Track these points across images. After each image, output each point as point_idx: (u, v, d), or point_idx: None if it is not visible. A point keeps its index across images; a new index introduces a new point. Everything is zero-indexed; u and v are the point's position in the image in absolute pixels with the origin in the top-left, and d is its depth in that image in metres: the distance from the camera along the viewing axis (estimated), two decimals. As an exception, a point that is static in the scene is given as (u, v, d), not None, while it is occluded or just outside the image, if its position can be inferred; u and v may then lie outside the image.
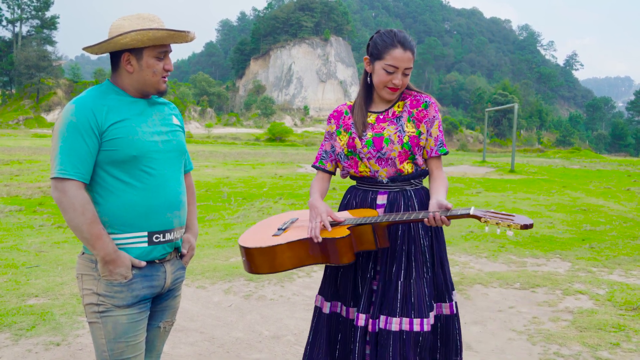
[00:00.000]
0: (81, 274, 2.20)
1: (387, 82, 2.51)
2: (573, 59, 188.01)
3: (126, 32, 2.06)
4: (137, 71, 2.17)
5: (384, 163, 2.53)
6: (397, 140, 2.50)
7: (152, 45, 2.13)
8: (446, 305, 2.57)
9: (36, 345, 3.94)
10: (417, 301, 2.43)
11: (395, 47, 2.47)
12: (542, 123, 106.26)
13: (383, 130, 2.53)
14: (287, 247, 2.37)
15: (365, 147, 2.53)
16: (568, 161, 34.08)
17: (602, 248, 7.55)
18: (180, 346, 4.04)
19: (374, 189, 2.59)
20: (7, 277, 5.67)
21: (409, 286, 2.45)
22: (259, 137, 64.15)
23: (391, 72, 2.49)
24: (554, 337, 4.26)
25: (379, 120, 2.57)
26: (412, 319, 2.41)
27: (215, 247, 7.50)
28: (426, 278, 2.49)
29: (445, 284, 2.58)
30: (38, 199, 11.69)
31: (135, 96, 2.23)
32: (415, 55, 2.55)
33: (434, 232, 2.57)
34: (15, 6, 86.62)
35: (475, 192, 14.50)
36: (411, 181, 2.57)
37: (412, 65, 2.52)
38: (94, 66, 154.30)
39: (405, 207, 2.52)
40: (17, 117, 70.19)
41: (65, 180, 2.05)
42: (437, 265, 2.56)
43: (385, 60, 2.48)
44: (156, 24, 2.14)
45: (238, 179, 17.25)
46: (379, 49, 2.50)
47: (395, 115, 2.57)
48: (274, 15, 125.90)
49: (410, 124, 2.54)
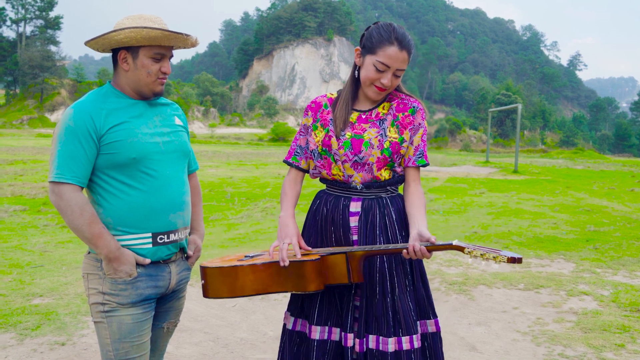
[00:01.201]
0: (87, 273, 2.21)
1: (375, 80, 2.28)
2: (576, 59, 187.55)
3: (121, 29, 2.08)
4: (132, 70, 2.18)
5: (360, 168, 2.31)
6: (377, 144, 2.28)
7: (148, 45, 2.14)
8: (431, 322, 2.37)
9: (41, 345, 3.96)
10: (404, 318, 2.25)
11: (392, 44, 2.23)
12: (545, 123, 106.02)
13: (363, 132, 2.31)
14: (249, 270, 2.18)
15: (342, 149, 2.31)
16: (572, 162, 34.07)
17: (607, 249, 7.53)
18: (184, 346, 4.05)
19: (347, 194, 2.36)
20: (12, 277, 5.68)
21: (393, 302, 2.27)
22: (262, 137, 64.16)
23: (381, 70, 2.25)
24: (558, 338, 4.25)
25: (360, 120, 2.35)
26: (401, 337, 2.24)
27: (219, 247, 7.51)
28: (409, 292, 2.31)
29: (427, 299, 2.38)
30: (42, 198, 11.72)
31: (135, 98, 2.24)
32: (412, 56, 2.31)
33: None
34: (19, 6, 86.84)
35: (478, 193, 14.49)
36: (387, 188, 2.36)
37: (406, 68, 2.30)
38: (98, 66, 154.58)
39: (381, 215, 2.32)
40: (21, 117, 70.33)
41: (62, 184, 2.07)
42: (417, 278, 2.36)
43: (378, 56, 2.24)
44: (156, 24, 2.14)
45: (241, 179, 17.27)
46: (373, 43, 2.26)
47: (378, 117, 2.35)
48: (277, 16, 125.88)
49: (394, 128, 2.32)
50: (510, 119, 79.64)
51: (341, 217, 2.34)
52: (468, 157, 39.29)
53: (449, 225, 9.35)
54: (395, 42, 2.23)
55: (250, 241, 8.03)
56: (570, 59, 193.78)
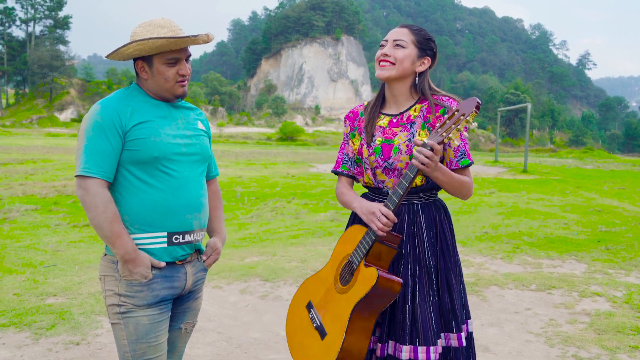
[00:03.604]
0: (103, 275, 2.23)
1: (378, 57, 2.35)
2: (586, 58, 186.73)
3: (129, 43, 2.13)
4: (151, 77, 2.22)
5: (390, 173, 2.31)
6: (405, 150, 2.26)
7: (160, 53, 2.17)
8: (454, 337, 2.28)
9: (56, 345, 3.98)
10: (423, 327, 2.21)
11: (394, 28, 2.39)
12: (554, 123, 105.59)
13: (394, 137, 2.30)
14: (348, 337, 2.11)
15: (373, 156, 2.32)
16: (581, 161, 33.93)
17: (618, 249, 7.50)
18: (198, 346, 4.07)
19: (380, 199, 2.34)
20: (26, 276, 5.72)
21: (413, 310, 2.23)
22: (270, 136, 64.22)
23: (383, 45, 2.36)
24: (571, 340, 4.24)
25: (391, 124, 2.34)
26: (417, 346, 2.20)
27: (231, 247, 7.53)
28: (432, 302, 2.26)
29: (452, 311, 2.29)
30: (53, 198, 11.78)
31: (159, 99, 2.28)
32: (417, 37, 2.34)
33: (440, 252, 2.32)
34: (28, 6, 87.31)
35: (488, 193, 14.45)
36: (420, 194, 2.32)
37: (406, 40, 2.32)
38: (106, 65, 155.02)
39: (409, 222, 2.30)
40: (31, 117, 70.75)
41: (88, 178, 2.09)
42: (442, 289, 2.29)
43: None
44: (166, 29, 2.16)
45: (250, 178, 17.29)
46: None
47: (409, 119, 2.32)
48: (285, 15, 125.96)
49: (424, 131, 2.28)
50: (519, 118, 79.43)
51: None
52: (477, 156, 39.17)
53: (459, 225, 9.33)
54: (398, 26, 2.39)
55: (260, 241, 8.05)
56: (580, 58, 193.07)
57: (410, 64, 2.32)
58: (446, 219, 2.38)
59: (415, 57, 2.33)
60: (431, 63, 2.39)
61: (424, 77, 2.37)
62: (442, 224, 2.35)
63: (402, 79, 2.35)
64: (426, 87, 2.36)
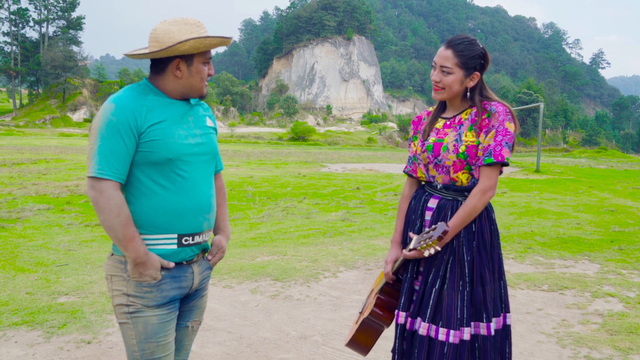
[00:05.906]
0: (110, 275, 2.21)
1: (432, 77, 2.52)
2: (599, 57, 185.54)
3: (185, 40, 2.08)
4: (187, 77, 2.19)
5: (440, 170, 2.50)
6: (452, 149, 2.45)
7: (201, 52, 2.16)
8: (483, 326, 2.42)
9: (67, 343, 4.00)
10: (447, 311, 2.38)
11: (442, 44, 2.49)
12: (567, 122, 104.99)
13: (445, 137, 2.49)
14: (359, 332, 2.67)
15: (425, 152, 2.53)
16: (594, 161, 33.67)
17: (632, 250, 7.43)
18: (208, 345, 4.07)
19: (430, 192, 2.58)
20: (38, 275, 5.76)
21: (440, 293, 2.42)
22: (282, 136, 64.34)
23: (433, 67, 2.50)
24: (584, 340, 4.20)
25: (445, 126, 2.53)
26: (439, 327, 2.38)
27: (241, 246, 7.54)
28: (461, 292, 2.41)
29: (484, 303, 2.43)
30: (66, 197, 11.86)
31: (175, 98, 2.24)
32: (462, 59, 2.43)
33: (476, 249, 2.46)
34: (42, 7, 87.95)
35: (500, 193, 14.38)
36: (465, 193, 2.48)
37: (450, 65, 2.43)
38: (119, 66, 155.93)
39: (451, 215, 2.46)
40: (44, 117, 71.27)
41: (102, 180, 2.05)
42: (476, 281, 2.44)
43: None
44: (201, 28, 2.15)
45: (262, 178, 17.32)
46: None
47: (460, 122, 2.50)
48: (296, 15, 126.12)
49: (471, 132, 2.45)
50: (531, 118, 78.98)
51: (420, 209, 2.58)
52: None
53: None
54: (445, 42, 2.50)
55: (271, 240, 8.05)
56: (593, 56, 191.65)
57: (459, 85, 2.48)
58: (487, 219, 2.51)
59: (463, 78, 2.47)
60: (482, 72, 2.55)
61: (474, 90, 2.52)
62: (482, 223, 2.49)
63: (455, 96, 2.53)
64: (476, 96, 2.51)
